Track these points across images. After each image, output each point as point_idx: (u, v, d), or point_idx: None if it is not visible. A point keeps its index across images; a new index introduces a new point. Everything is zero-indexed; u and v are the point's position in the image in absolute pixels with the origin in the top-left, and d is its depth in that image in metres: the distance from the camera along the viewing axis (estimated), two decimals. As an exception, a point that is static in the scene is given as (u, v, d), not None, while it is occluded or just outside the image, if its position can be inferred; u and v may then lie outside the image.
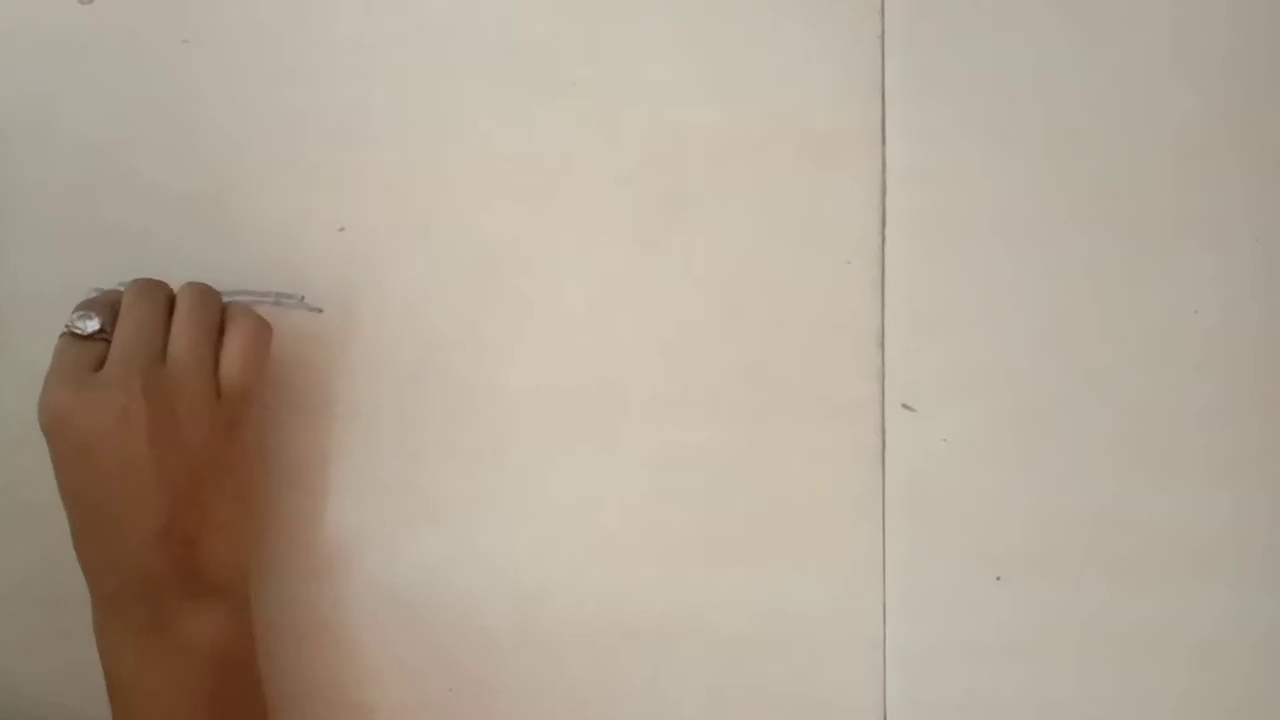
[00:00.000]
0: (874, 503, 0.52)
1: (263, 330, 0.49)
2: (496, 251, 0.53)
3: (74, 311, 0.47)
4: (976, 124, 0.52)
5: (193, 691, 0.46)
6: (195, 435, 0.46)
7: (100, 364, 0.46)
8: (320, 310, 0.52)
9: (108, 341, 0.47)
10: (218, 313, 0.48)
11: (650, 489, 0.52)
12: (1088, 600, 0.51)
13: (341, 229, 0.52)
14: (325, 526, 0.52)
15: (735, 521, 0.52)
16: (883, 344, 0.52)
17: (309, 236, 0.52)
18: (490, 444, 0.52)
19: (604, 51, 0.53)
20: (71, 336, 0.47)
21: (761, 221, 0.52)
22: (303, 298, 0.52)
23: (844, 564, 0.52)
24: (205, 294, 0.48)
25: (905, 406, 0.52)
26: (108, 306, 0.48)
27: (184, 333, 0.47)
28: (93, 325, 0.47)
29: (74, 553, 0.47)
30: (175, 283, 0.51)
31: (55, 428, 0.45)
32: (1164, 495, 0.51)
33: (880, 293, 0.52)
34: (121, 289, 0.49)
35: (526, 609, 0.52)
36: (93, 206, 0.53)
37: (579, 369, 0.52)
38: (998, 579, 0.51)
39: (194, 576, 0.47)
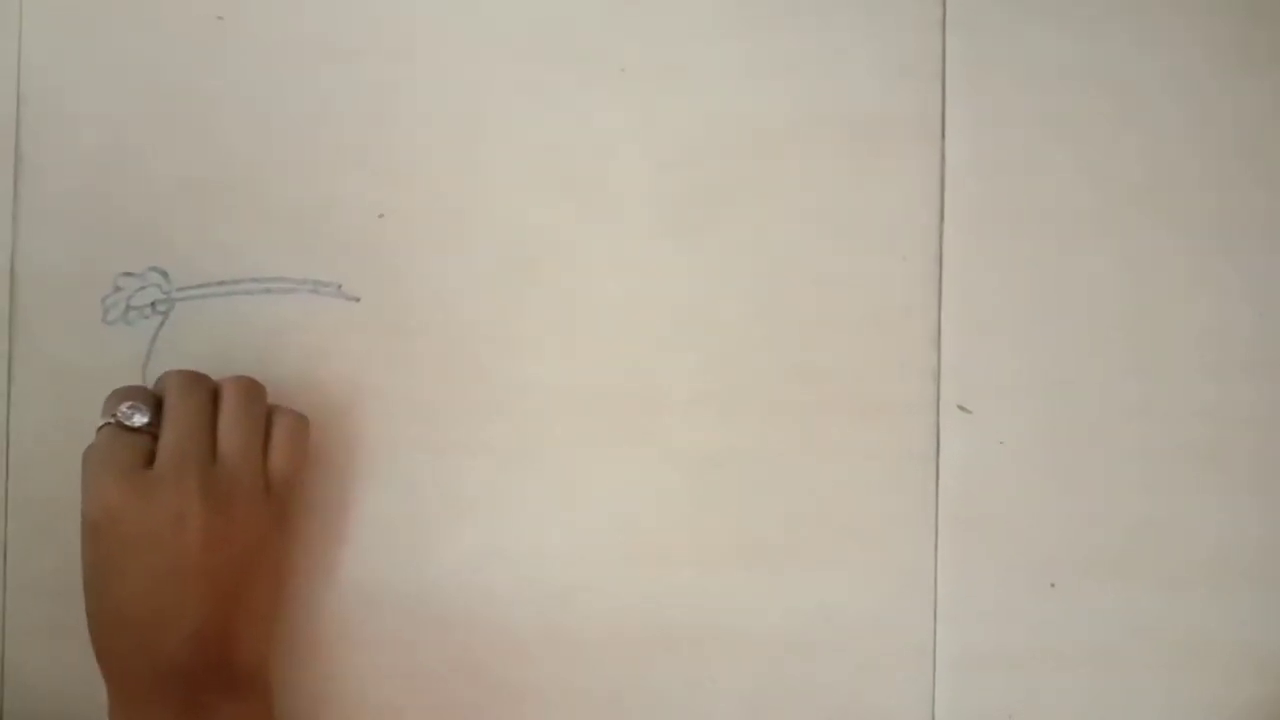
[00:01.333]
0: (927, 505, 0.50)
1: (304, 425, 0.48)
2: (534, 241, 0.51)
3: (121, 403, 0.46)
4: (1039, 114, 0.51)
5: None
6: (246, 535, 0.46)
7: (149, 459, 0.45)
8: (358, 299, 0.50)
9: (153, 435, 0.46)
10: (264, 408, 0.47)
11: (688, 488, 0.51)
12: (1143, 608, 0.50)
13: (381, 215, 0.51)
14: (352, 521, 0.51)
15: (783, 524, 0.51)
16: (939, 343, 0.50)
17: (347, 222, 0.51)
18: (523, 440, 0.51)
19: (648, 36, 0.51)
20: (119, 428, 0.46)
21: (812, 213, 0.51)
22: (339, 286, 0.51)
23: (894, 567, 0.50)
24: (252, 389, 0.47)
25: (961, 408, 0.50)
26: (148, 399, 0.46)
27: (235, 430, 0.46)
28: (141, 419, 0.46)
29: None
30: (202, 267, 0.50)
31: (105, 524, 0.44)
32: (1224, 502, 0.50)
33: (938, 289, 0.50)
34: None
35: (558, 609, 0.51)
36: (120, 185, 0.51)
37: (616, 364, 0.51)
38: (1052, 585, 0.50)
39: (227, 671, 0.46)
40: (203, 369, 0.50)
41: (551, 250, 0.51)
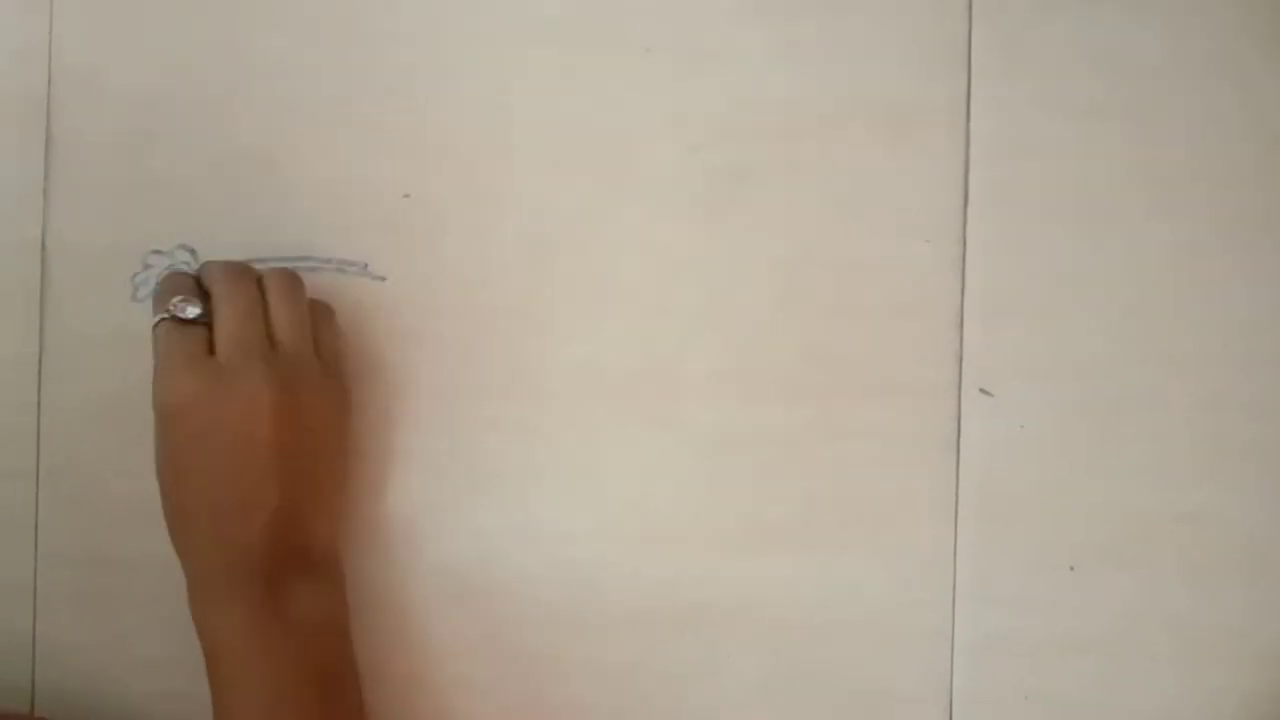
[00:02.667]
0: (947, 489, 0.50)
1: (333, 311, 0.50)
2: (559, 222, 0.51)
3: (172, 297, 0.46)
4: (1064, 101, 0.50)
5: (303, 667, 0.46)
6: (313, 417, 0.46)
7: (209, 349, 0.46)
8: (384, 279, 0.51)
9: (207, 325, 0.46)
10: (306, 294, 0.48)
11: (709, 469, 0.51)
12: (1161, 595, 0.50)
13: (407, 195, 0.51)
14: (379, 498, 0.51)
15: (799, 507, 0.51)
16: (961, 326, 0.50)
17: (373, 202, 0.51)
18: (546, 419, 0.51)
19: (676, 17, 0.51)
20: (174, 321, 0.46)
21: (836, 196, 0.51)
22: (366, 265, 0.51)
23: (913, 550, 0.50)
24: (294, 279, 0.48)
25: (983, 391, 0.50)
26: (193, 289, 0.47)
27: (287, 315, 0.47)
28: (194, 310, 0.46)
29: (166, 530, 0.47)
30: (230, 244, 0.51)
31: (177, 415, 0.45)
32: (1243, 491, 0.50)
33: (961, 273, 0.50)
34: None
35: (581, 587, 0.51)
36: (146, 162, 0.52)
37: (640, 345, 0.51)
38: (1071, 569, 0.50)
39: (303, 552, 0.47)
40: None
41: (576, 232, 0.51)
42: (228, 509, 0.45)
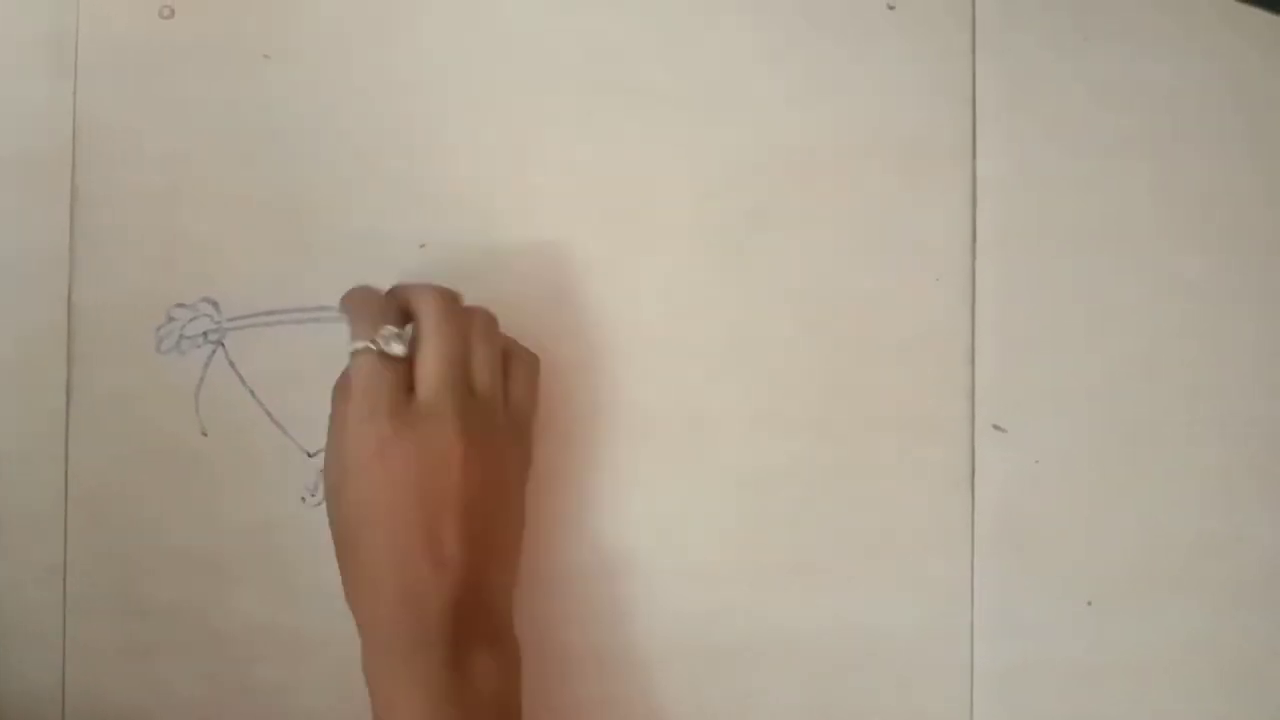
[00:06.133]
0: (963, 524, 0.51)
1: (537, 362, 0.48)
2: (578, 268, 0.52)
3: (379, 326, 0.44)
4: (1069, 136, 0.51)
5: None
6: (500, 471, 0.44)
7: (408, 389, 0.44)
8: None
9: (408, 361, 0.44)
10: (502, 341, 0.46)
11: (733, 509, 0.51)
12: (1180, 626, 0.50)
13: (423, 245, 0.52)
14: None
15: (821, 542, 0.51)
16: (973, 362, 0.51)
17: (390, 252, 0.52)
18: (572, 464, 0.52)
19: (688, 64, 0.52)
20: (379, 356, 0.44)
21: (848, 236, 0.51)
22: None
23: (932, 585, 0.51)
24: (494, 322, 0.46)
25: (996, 427, 0.51)
26: (400, 317, 0.45)
27: (486, 365, 0.45)
28: (401, 348, 0.44)
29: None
30: (251, 297, 0.52)
31: (370, 463, 0.42)
32: (1261, 519, 0.50)
33: (971, 309, 0.51)
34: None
35: (607, 629, 0.51)
36: (172, 218, 0.52)
37: (661, 387, 0.52)
38: (1089, 604, 0.50)
39: (485, 618, 0.44)
40: (255, 394, 0.51)
41: (597, 277, 0.52)
42: (415, 567, 0.42)
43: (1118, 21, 0.51)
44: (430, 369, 0.44)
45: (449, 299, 0.46)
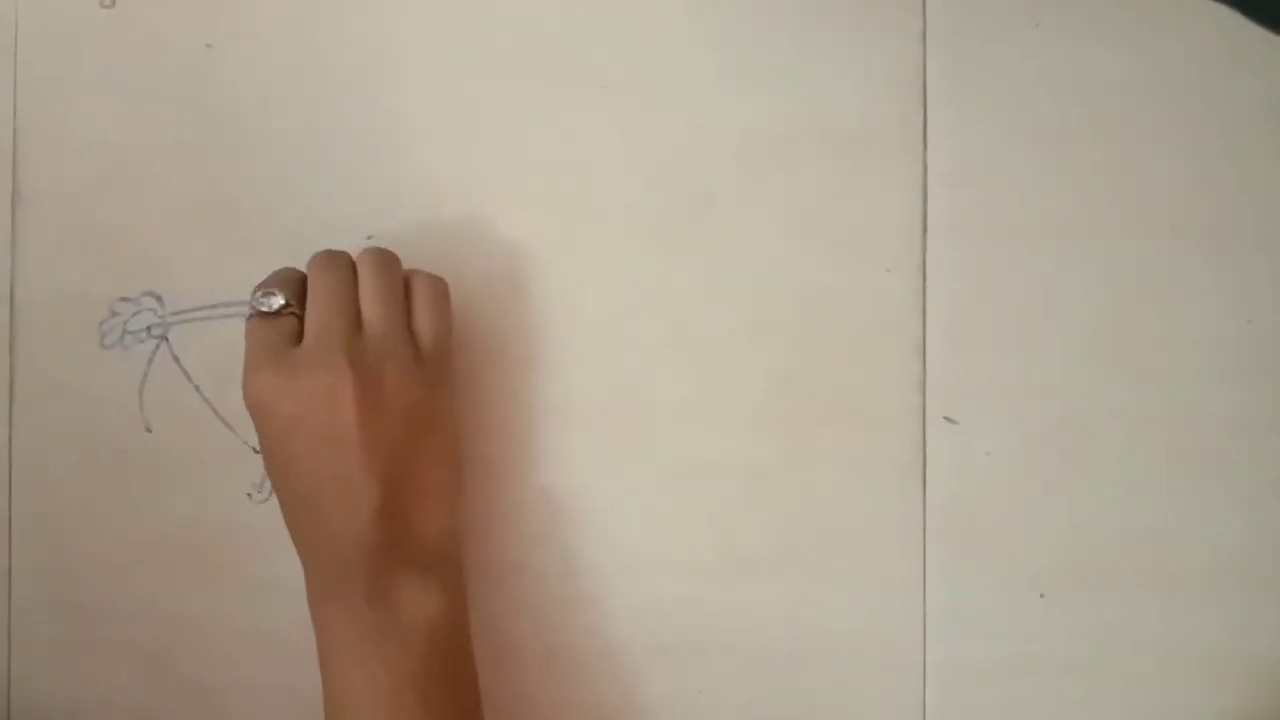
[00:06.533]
0: (914, 516, 0.50)
1: (443, 284, 0.48)
2: (522, 257, 0.51)
3: (255, 291, 0.46)
4: (1021, 125, 0.50)
5: (404, 668, 0.44)
6: (403, 402, 0.45)
7: (296, 340, 0.45)
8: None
9: (297, 316, 0.46)
10: (401, 274, 0.47)
11: (678, 502, 0.51)
12: (1133, 618, 0.50)
13: (369, 236, 0.51)
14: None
15: (767, 535, 0.51)
16: (924, 354, 0.50)
17: (336, 244, 0.50)
18: (512, 454, 0.51)
19: (631, 50, 0.51)
20: (260, 316, 0.46)
21: (795, 226, 0.51)
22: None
23: (883, 579, 0.50)
24: (386, 257, 0.47)
25: (947, 419, 0.50)
26: (286, 282, 0.46)
27: (376, 299, 0.46)
28: (278, 301, 0.46)
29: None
30: (196, 290, 0.51)
31: (261, 411, 0.44)
32: (1212, 510, 0.50)
33: (922, 301, 0.50)
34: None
35: (551, 624, 0.51)
36: (115, 210, 0.52)
37: (603, 377, 0.51)
38: (1041, 595, 0.50)
39: (415, 547, 0.45)
40: (200, 389, 0.51)
41: (539, 266, 0.51)
42: (327, 504, 0.44)
43: (1070, 8, 0.50)
44: (310, 318, 0.45)
45: (330, 255, 0.47)
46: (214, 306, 0.51)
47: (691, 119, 0.51)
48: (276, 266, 0.51)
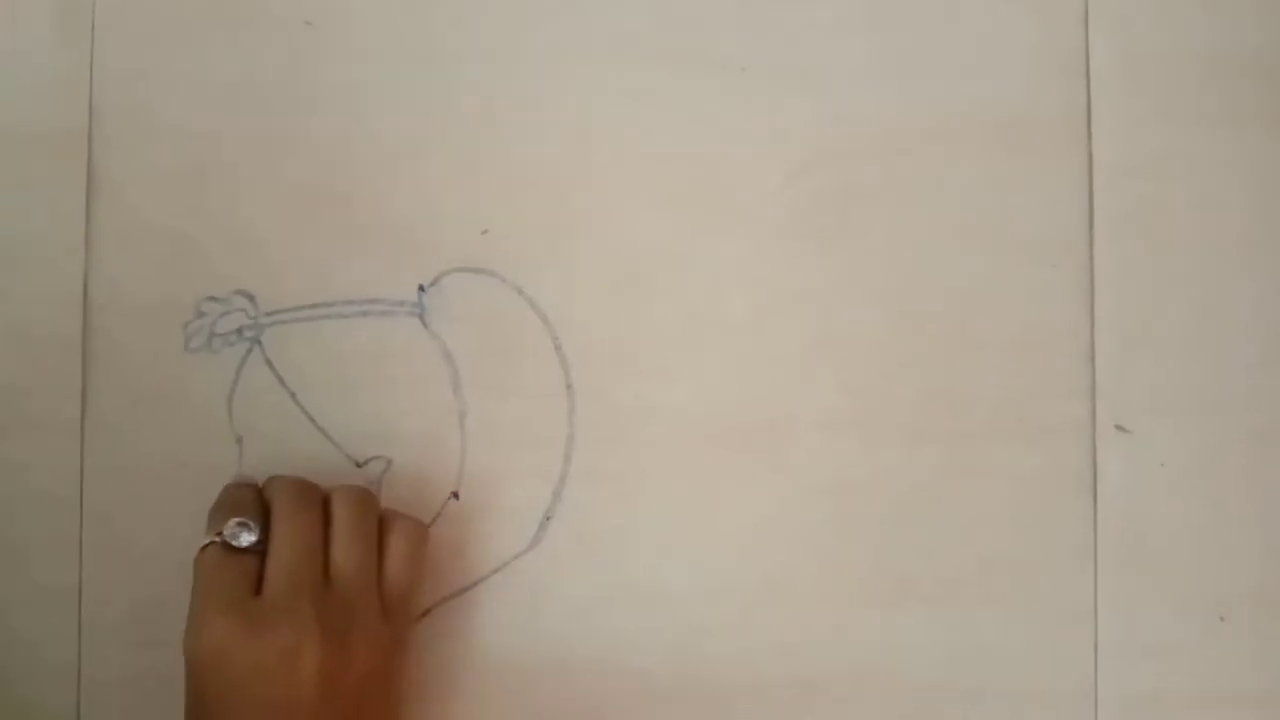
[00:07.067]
0: (1085, 534, 0.48)
1: (422, 532, 0.46)
2: (652, 257, 0.49)
3: (229, 518, 0.43)
4: (1189, 111, 0.49)
5: None
6: (363, 670, 0.43)
7: (256, 581, 0.43)
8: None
9: (260, 554, 0.43)
10: (377, 521, 0.45)
11: (823, 522, 0.48)
12: (1321, 643, 0.48)
13: (485, 231, 0.48)
14: (463, 554, 0.48)
15: (921, 559, 0.48)
16: (1093, 358, 0.48)
17: (447, 239, 0.49)
18: (646, 469, 0.49)
19: (769, 33, 0.49)
20: (224, 549, 0.43)
21: (948, 221, 0.49)
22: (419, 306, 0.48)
23: (1051, 602, 0.48)
24: (365, 500, 0.45)
25: (1119, 428, 0.48)
26: (251, 507, 0.44)
27: (350, 550, 0.43)
28: (249, 538, 0.43)
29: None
30: (292, 290, 0.48)
31: (211, 664, 0.41)
32: (1405, 525, 0.48)
33: (1090, 300, 0.48)
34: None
35: (687, 653, 0.48)
36: (201, 202, 0.49)
37: (744, 386, 0.49)
38: (1221, 619, 0.48)
39: None
40: (296, 396, 0.48)
41: (670, 265, 0.49)
42: None
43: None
44: (277, 564, 0.43)
45: (302, 486, 0.45)
46: (314, 306, 0.48)
47: (837, 105, 0.49)
48: (384, 264, 0.49)
